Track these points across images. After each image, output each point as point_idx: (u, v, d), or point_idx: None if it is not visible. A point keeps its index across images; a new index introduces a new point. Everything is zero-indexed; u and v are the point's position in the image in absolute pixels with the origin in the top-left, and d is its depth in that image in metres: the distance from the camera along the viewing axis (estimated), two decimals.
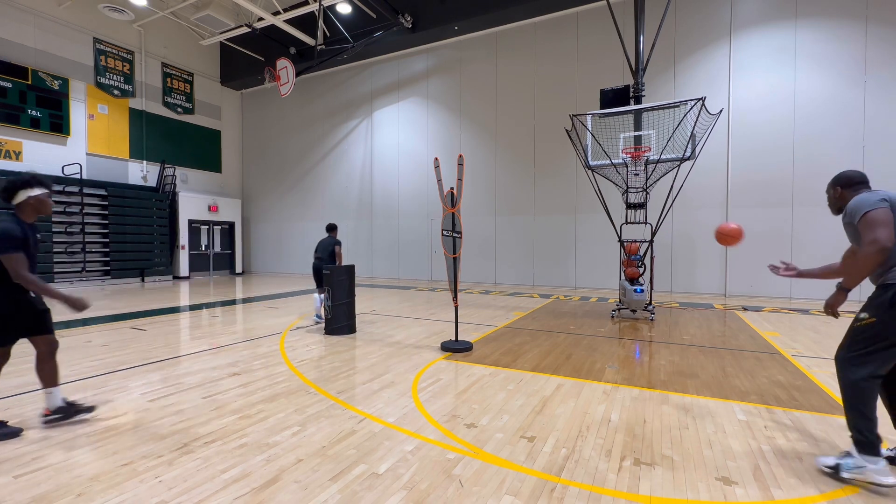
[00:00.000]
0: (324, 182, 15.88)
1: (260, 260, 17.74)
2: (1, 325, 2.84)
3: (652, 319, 7.03)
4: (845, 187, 2.59)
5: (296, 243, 16.58)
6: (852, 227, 2.41)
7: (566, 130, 7.74)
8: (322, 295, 6.54)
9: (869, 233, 2.26)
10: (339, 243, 6.91)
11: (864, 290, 2.46)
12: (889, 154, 8.59)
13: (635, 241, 7.51)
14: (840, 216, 2.56)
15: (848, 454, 2.36)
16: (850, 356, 2.35)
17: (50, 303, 3.04)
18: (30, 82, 11.68)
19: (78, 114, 12.77)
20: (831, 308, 2.44)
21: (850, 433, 2.36)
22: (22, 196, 2.99)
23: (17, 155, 11.62)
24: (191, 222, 15.43)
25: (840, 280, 2.44)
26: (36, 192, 3.04)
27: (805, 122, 9.22)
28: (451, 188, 5.23)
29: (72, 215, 12.35)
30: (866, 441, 2.28)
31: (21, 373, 4.31)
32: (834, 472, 2.37)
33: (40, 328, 3.03)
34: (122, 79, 13.84)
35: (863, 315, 2.35)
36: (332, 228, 7.18)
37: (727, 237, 3.65)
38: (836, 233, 8.02)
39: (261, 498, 2.20)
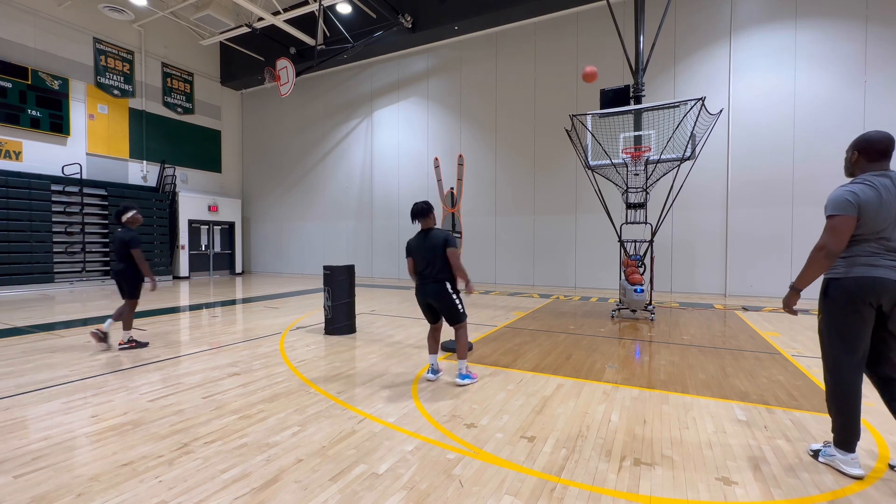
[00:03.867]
0: (324, 182, 15.88)
1: (260, 260, 17.73)
2: (135, 287, 5.35)
3: (652, 319, 7.03)
4: (862, 154, 2.40)
5: (296, 243, 16.58)
6: None
7: (566, 130, 7.74)
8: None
9: (824, 236, 2.36)
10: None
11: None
12: None
13: (634, 243, 7.50)
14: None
15: (829, 443, 2.56)
16: (823, 354, 2.52)
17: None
18: (30, 82, 11.68)
19: (78, 114, 12.76)
20: (786, 307, 2.58)
21: (831, 428, 2.52)
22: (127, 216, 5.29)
23: (17, 155, 11.62)
24: (191, 222, 15.43)
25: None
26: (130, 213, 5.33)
27: (805, 122, 9.22)
28: (451, 188, 5.24)
29: (72, 215, 12.34)
30: (841, 438, 2.45)
31: (21, 373, 4.31)
32: (813, 456, 2.60)
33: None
34: (122, 79, 13.84)
35: (818, 314, 2.55)
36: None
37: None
38: None
39: (261, 498, 2.20)
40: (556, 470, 2.47)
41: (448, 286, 3.82)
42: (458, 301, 3.87)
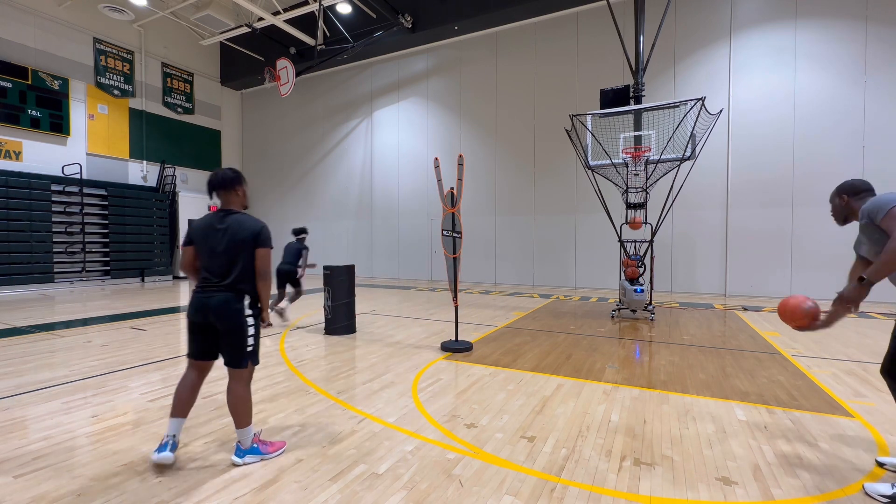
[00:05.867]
0: (324, 182, 15.88)
1: None
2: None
3: (652, 319, 7.03)
4: (852, 195, 2.48)
5: None
6: (871, 227, 2.28)
7: (566, 130, 7.74)
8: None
9: None
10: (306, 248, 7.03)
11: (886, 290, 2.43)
12: (889, 154, 8.59)
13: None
14: (844, 226, 2.56)
15: None
16: None
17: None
18: (30, 82, 11.68)
19: (78, 114, 12.76)
20: (849, 302, 2.27)
21: None
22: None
23: (17, 155, 11.62)
24: (191, 222, 15.39)
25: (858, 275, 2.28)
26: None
27: (805, 122, 9.22)
28: (451, 188, 5.23)
29: (72, 215, 12.35)
30: None
31: (21, 373, 4.31)
32: (892, 502, 2.17)
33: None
34: (122, 79, 13.84)
35: None
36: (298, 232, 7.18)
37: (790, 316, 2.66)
38: (837, 233, 8.03)
39: (261, 498, 2.20)
40: (556, 470, 2.47)
41: (246, 302, 2.58)
42: (253, 329, 2.61)
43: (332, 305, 6.08)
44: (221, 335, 2.56)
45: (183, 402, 2.58)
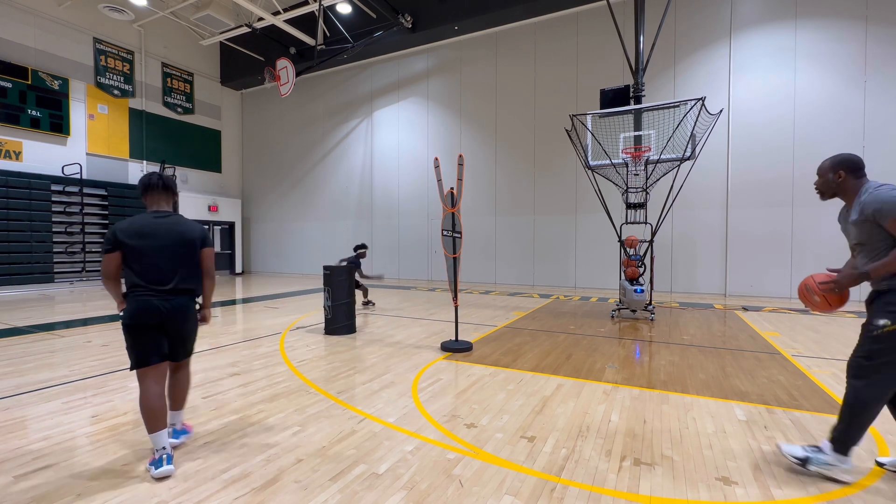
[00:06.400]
0: (324, 182, 15.88)
1: (260, 260, 17.74)
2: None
3: (652, 319, 7.03)
4: (850, 172, 2.36)
5: (296, 243, 16.59)
6: (869, 224, 2.23)
7: (566, 130, 7.74)
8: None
9: None
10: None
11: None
12: (889, 154, 8.59)
13: (634, 236, 7.50)
14: (829, 199, 2.48)
15: (818, 449, 2.38)
16: (868, 365, 2.24)
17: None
18: (30, 82, 11.68)
19: (78, 114, 12.76)
20: (841, 284, 2.27)
21: (833, 433, 2.35)
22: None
23: (17, 155, 11.62)
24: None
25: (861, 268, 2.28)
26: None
27: (805, 122, 9.22)
28: (451, 188, 5.23)
29: (72, 215, 12.34)
30: (846, 443, 2.31)
31: (21, 373, 4.31)
32: (801, 464, 2.39)
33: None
34: (122, 79, 13.83)
35: (882, 322, 2.19)
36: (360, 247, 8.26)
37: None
38: (837, 233, 8.02)
39: (261, 498, 2.20)
40: (556, 470, 2.47)
41: (196, 303, 2.76)
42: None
43: (331, 305, 6.08)
44: (175, 335, 2.60)
45: (162, 411, 2.51)
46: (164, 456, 2.42)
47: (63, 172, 12.34)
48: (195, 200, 15.53)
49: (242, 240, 17.66)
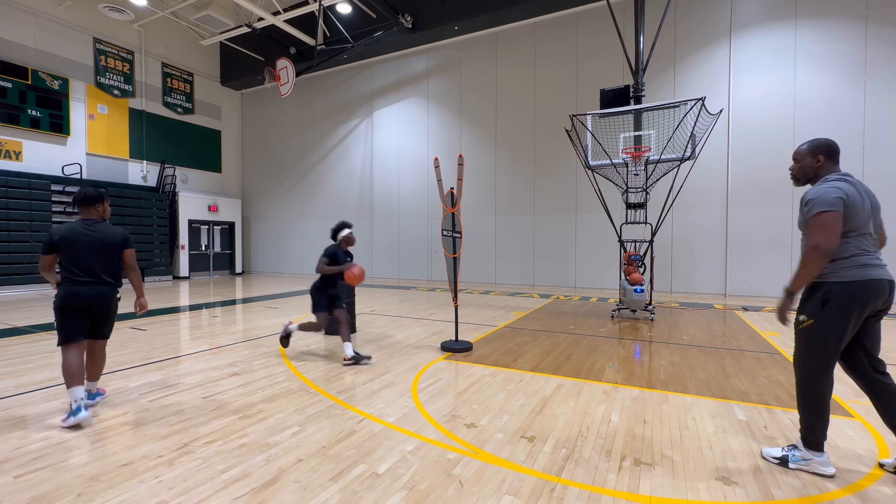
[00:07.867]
0: (324, 182, 15.88)
1: (260, 260, 17.74)
2: (317, 300, 4.90)
3: (652, 319, 7.03)
4: (829, 157, 2.42)
5: (296, 243, 16.58)
6: (803, 214, 2.37)
7: (566, 130, 7.74)
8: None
9: (816, 235, 2.26)
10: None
11: None
12: (889, 154, 8.59)
13: (634, 243, 7.51)
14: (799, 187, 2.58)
15: (794, 447, 2.49)
16: (806, 358, 2.42)
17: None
18: (30, 82, 11.68)
19: (78, 114, 12.76)
20: (782, 313, 2.42)
21: (801, 433, 2.47)
22: (340, 235, 5.08)
23: (17, 155, 11.62)
24: (191, 222, 15.43)
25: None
26: (345, 232, 5.08)
27: (805, 122, 9.21)
28: (451, 188, 5.23)
29: (72, 215, 12.33)
30: (814, 439, 2.41)
31: (21, 373, 4.31)
32: (781, 464, 2.49)
33: (335, 304, 4.94)
34: (122, 79, 13.84)
35: (801, 318, 2.41)
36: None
37: None
38: None
39: (261, 498, 2.20)
40: (556, 470, 2.47)
41: (117, 293, 3.39)
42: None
43: None
44: (98, 317, 3.29)
45: (80, 373, 3.14)
46: (82, 405, 3.01)
47: (63, 172, 12.34)
48: (195, 200, 15.53)
49: (242, 240, 17.66)
